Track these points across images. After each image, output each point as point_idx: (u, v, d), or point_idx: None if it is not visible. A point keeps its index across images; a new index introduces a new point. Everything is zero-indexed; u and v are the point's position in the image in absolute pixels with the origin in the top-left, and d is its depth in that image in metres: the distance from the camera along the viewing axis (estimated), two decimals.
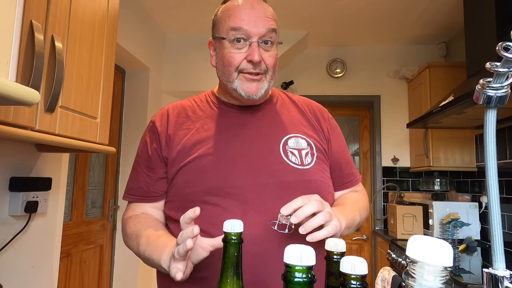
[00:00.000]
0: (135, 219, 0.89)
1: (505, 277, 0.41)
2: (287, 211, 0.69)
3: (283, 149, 0.87)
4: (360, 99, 3.41)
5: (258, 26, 0.82)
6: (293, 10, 2.73)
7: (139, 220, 0.88)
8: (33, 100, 0.66)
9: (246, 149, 0.85)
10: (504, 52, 0.40)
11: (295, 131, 0.91)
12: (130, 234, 0.86)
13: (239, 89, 0.85)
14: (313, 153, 0.89)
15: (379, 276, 1.17)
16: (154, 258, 0.74)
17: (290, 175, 0.84)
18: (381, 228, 3.20)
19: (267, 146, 0.86)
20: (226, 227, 0.55)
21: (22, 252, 1.33)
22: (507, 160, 2.28)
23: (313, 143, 0.91)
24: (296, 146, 0.88)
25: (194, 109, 0.93)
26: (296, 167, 0.85)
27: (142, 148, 0.93)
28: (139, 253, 0.82)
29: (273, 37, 0.85)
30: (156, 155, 0.89)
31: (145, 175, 0.90)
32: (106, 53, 1.30)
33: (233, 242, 0.54)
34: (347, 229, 0.82)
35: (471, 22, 2.20)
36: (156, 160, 0.89)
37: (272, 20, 0.86)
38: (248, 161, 0.84)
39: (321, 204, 0.71)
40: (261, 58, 0.83)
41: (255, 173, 0.82)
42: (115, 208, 2.68)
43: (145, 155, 0.91)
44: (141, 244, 0.80)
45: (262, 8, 0.85)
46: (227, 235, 0.55)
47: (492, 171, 0.43)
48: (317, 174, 0.88)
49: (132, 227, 0.86)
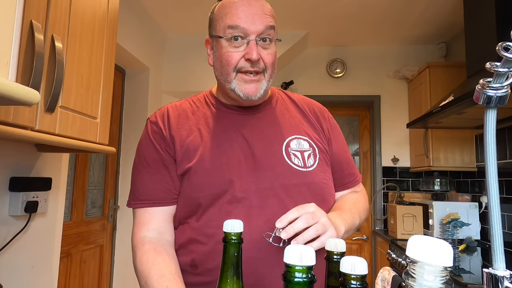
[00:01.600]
0: (146, 252, 0.80)
1: (505, 277, 0.41)
2: (282, 224, 0.68)
3: (285, 152, 0.85)
4: (360, 99, 3.41)
5: (255, 24, 0.80)
6: (293, 10, 2.73)
7: (148, 255, 0.80)
8: (33, 100, 0.66)
9: (249, 152, 0.84)
10: (504, 52, 0.40)
11: (296, 132, 0.90)
12: (140, 271, 0.80)
13: (237, 90, 0.83)
14: (315, 154, 0.88)
15: (379, 276, 1.16)
16: None
17: (294, 178, 0.83)
18: (381, 228, 3.20)
19: (269, 148, 0.85)
20: (226, 227, 0.55)
21: (22, 252, 1.33)
22: (507, 160, 2.28)
23: (315, 144, 0.90)
24: (299, 148, 0.87)
25: (193, 110, 0.91)
26: (299, 170, 0.84)
27: (149, 148, 0.87)
28: None
29: (271, 34, 0.83)
30: (168, 154, 0.85)
31: (163, 175, 0.85)
32: (106, 53, 1.30)
33: (233, 242, 0.54)
34: (346, 233, 0.81)
35: (471, 22, 2.20)
36: (170, 159, 0.85)
37: (270, 17, 0.84)
38: (252, 165, 0.82)
39: (314, 216, 0.70)
40: (260, 56, 0.81)
41: (259, 177, 0.81)
42: (115, 208, 2.68)
43: (156, 156, 0.86)
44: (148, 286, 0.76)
45: (260, 4, 0.83)
46: (227, 235, 0.55)
47: (492, 171, 0.43)
48: (320, 176, 0.87)
49: (142, 263, 0.80)
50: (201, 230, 0.80)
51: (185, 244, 0.83)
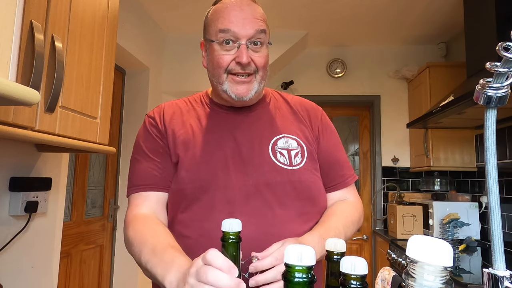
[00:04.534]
0: (140, 222, 0.81)
1: (505, 277, 0.41)
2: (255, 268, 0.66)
3: (272, 150, 0.87)
4: (360, 99, 3.41)
5: (246, 28, 0.83)
6: (292, 10, 2.73)
7: (144, 223, 0.80)
8: (33, 100, 0.66)
9: (236, 150, 0.86)
10: (504, 52, 0.40)
11: (285, 131, 0.91)
12: (132, 239, 0.78)
13: (229, 91, 0.85)
14: (303, 153, 0.89)
15: (379, 276, 1.16)
16: (158, 274, 0.66)
17: (278, 176, 0.84)
18: (381, 228, 3.20)
19: (257, 147, 0.87)
20: (224, 227, 0.55)
21: (22, 252, 1.33)
22: (507, 160, 2.28)
23: (303, 143, 0.90)
24: (286, 146, 0.88)
25: (188, 109, 0.95)
26: (284, 167, 0.85)
27: (146, 138, 0.91)
28: (140, 262, 0.74)
29: (262, 38, 0.85)
30: (163, 144, 0.89)
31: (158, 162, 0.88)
32: (106, 53, 1.30)
33: (231, 241, 0.55)
34: None
35: (471, 22, 2.20)
36: (165, 148, 0.89)
37: (261, 21, 0.86)
38: (238, 162, 0.85)
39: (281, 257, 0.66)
40: (250, 60, 0.83)
41: (244, 174, 0.83)
42: (115, 208, 2.68)
43: (152, 144, 0.89)
44: (143, 253, 0.72)
45: (251, 9, 0.85)
46: (225, 235, 0.55)
47: (492, 171, 0.43)
48: (306, 175, 0.87)
49: (135, 231, 0.79)
50: (185, 223, 0.82)
51: None
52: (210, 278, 0.52)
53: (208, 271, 0.52)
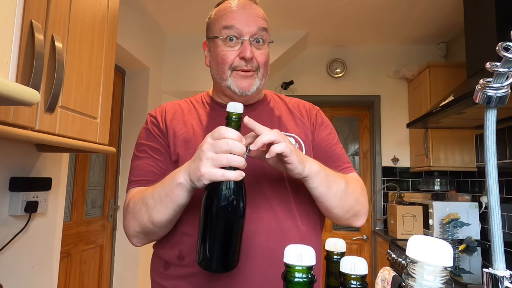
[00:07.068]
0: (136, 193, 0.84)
1: (505, 277, 0.41)
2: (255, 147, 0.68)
3: None
4: (360, 99, 3.41)
5: (249, 25, 0.86)
6: (293, 10, 2.73)
7: (140, 190, 0.84)
8: (33, 100, 0.66)
9: None
10: (504, 52, 0.40)
11: (284, 129, 0.93)
12: (134, 205, 0.81)
13: (233, 86, 0.88)
14: (301, 150, 0.90)
15: (379, 276, 1.17)
16: (167, 185, 0.72)
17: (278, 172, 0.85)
18: (381, 228, 3.20)
19: None
20: (230, 108, 0.64)
21: (22, 252, 1.33)
22: (507, 160, 2.28)
23: (302, 140, 0.93)
24: None
25: (189, 109, 0.96)
26: None
27: (147, 137, 0.93)
28: (148, 207, 0.77)
29: (264, 35, 0.89)
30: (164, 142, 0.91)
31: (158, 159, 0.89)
32: (106, 53, 1.30)
33: (235, 121, 0.64)
34: (325, 178, 0.78)
35: (471, 22, 2.20)
36: (165, 146, 0.91)
37: (263, 20, 0.90)
38: None
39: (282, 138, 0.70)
40: (253, 55, 0.87)
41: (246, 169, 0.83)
42: (115, 208, 2.68)
43: (153, 143, 0.91)
44: (147, 196, 0.77)
45: (253, 9, 0.90)
46: (230, 115, 0.63)
47: (492, 171, 0.43)
48: None
49: (135, 198, 0.83)
50: (188, 221, 0.83)
51: (172, 235, 0.85)
52: (229, 146, 0.61)
53: (225, 141, 0.61)
